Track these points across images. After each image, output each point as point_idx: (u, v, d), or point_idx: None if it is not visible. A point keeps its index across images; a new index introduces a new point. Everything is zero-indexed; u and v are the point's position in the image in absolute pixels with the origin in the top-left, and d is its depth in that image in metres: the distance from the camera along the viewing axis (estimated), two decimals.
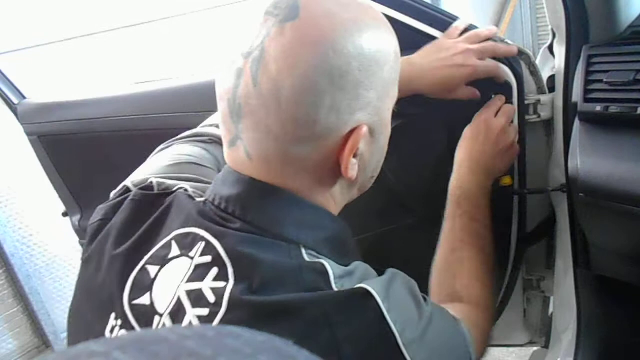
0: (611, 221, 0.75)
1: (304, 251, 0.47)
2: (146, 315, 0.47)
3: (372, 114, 0.49)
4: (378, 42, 0.48)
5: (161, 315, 0.46)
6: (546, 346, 1.05)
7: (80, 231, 1.40)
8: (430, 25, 0.84)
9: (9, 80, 1.34)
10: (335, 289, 0.45)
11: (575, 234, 0.87)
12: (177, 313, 0.45)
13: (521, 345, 1.13)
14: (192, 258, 0.47)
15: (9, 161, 2.08)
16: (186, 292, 0.45)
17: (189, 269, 0.47)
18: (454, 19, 0.86)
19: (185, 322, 0.45)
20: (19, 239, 2.19)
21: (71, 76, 2.32)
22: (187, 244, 0.48)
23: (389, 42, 0.50)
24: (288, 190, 0.49)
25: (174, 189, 0.54)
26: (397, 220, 0.98)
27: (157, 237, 0.50)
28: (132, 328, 0.47)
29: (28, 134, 1.32)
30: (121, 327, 0.48)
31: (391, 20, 0.87)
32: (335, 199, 0.53)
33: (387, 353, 0.44)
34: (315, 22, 0.44)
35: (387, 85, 0.50)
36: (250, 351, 0.21)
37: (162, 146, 0.71)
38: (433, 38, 0.84)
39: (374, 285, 0.46)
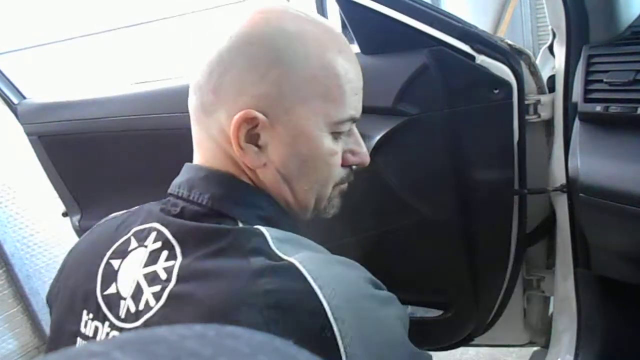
0: (611, 221, 0.75)
1: (239, 222, 0.53)
2: (114, 301, 0.53)
3: (271, 106, 0.53)
4: (296, 43, 0.53)
5: (125, 299, 0.52)
6: (546, 346, 1.05)
7: (80, 231, 1.39)
8: (431, 25, 0.84)
9: (9, 80, 1.33)
10: (275, 249, 0.49)
11: (575, 234, 0.87)
12: (137, 294, 0.51)
13: (521, 345, 1.13)
14: (146, 247, 0.53)
15: (9, 161, 2.08)
16: (143, 276, 0.51)
17: (145, 256, 0.53)
18: (454, 18, 0.86)
19: (142, 301, 0.50)
20: (19, 239, 2.19)
21: (71, 76, 2.32)
22: (142, 236, 0.55)
23: (314, 48, 0.54)
24: (229, 173, 0.56)
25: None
26: (397, 220, 0.98)
27: (118, 238, 0.57)
28: (104, 316, 0.52)
29: (28, 134, 1.31)
30: (93, 319, 0.53)
31: (391, 20, 0.88)
32: (282, 192, 0.58)
33: (312, 319, 0.44)
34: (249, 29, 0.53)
35: (300, 91, 0.53)
36: (250, 351, 0.21)
37: None
38: (433, 38, 0.84)
39: (303, 261, 0.47)
